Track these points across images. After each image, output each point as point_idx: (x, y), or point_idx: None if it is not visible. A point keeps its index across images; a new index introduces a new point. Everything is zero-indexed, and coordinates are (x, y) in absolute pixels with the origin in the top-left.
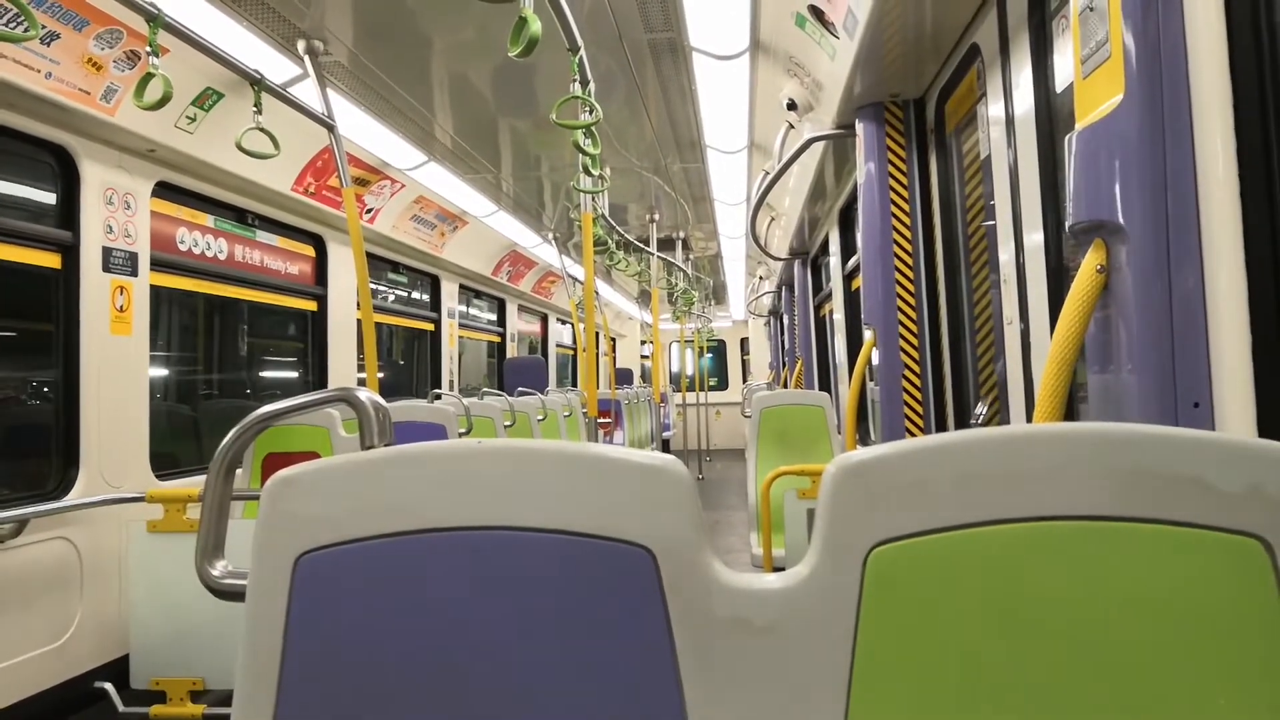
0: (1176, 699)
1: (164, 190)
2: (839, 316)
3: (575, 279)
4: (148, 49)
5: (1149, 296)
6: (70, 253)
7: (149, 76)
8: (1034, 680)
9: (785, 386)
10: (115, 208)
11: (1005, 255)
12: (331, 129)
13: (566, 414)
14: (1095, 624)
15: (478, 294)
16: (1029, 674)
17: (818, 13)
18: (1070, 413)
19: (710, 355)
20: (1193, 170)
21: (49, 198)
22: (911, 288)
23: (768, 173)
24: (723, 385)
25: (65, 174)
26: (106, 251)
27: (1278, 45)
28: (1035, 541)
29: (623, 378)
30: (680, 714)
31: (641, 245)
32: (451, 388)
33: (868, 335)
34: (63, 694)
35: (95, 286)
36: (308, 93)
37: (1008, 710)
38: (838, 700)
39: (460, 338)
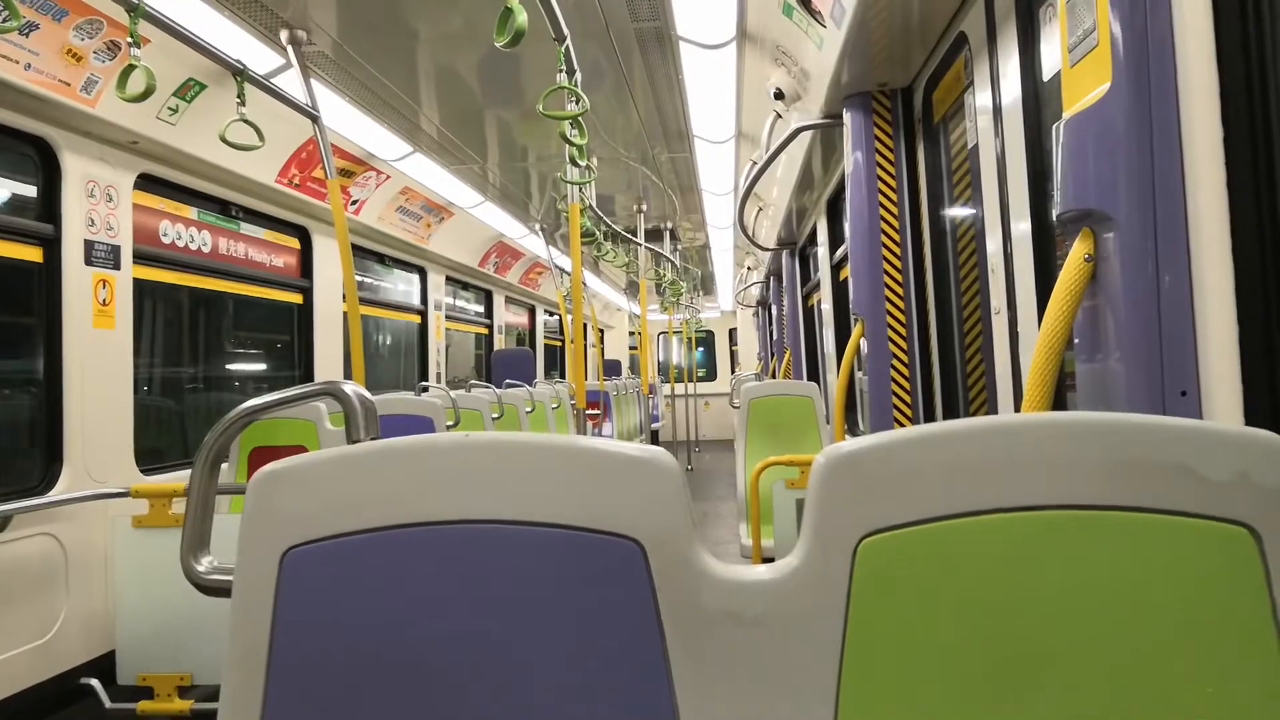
0: (1165, 686)
1: (146, 182)
2: (827, 307)
3: (563, 270)
4: (128, 40)
5: (1136, 285)
6: (52, 246)
7: (130, 68)
8: (1024, 668)
9: (774, 377)
10: (97, 200)
11: (993, 245)
12: (316, 120)
13: (555, 406)
14: (1085, 613)
15: (465, 286)
16: (1019, 662)
17: (805, 1)
18: (1058, 402)
19: (701, 350)
20: (1180, 158)
21: (30, 190)
22: (899, 278)
23: (755, 163)
24: (711, 376)
25: (46, 166)
26: (88, 245)
27: (1265, 33)
28: (1024, 531)
29: (611, 369)
30: (670, 706)
31: (629, 236)
32: (439, 380)
33: (856, 325)
34: (48, 691)
35: (77, 280)
36: (291, 83)
37: (999, 698)
38: (828, 691)
39: (447, 330)
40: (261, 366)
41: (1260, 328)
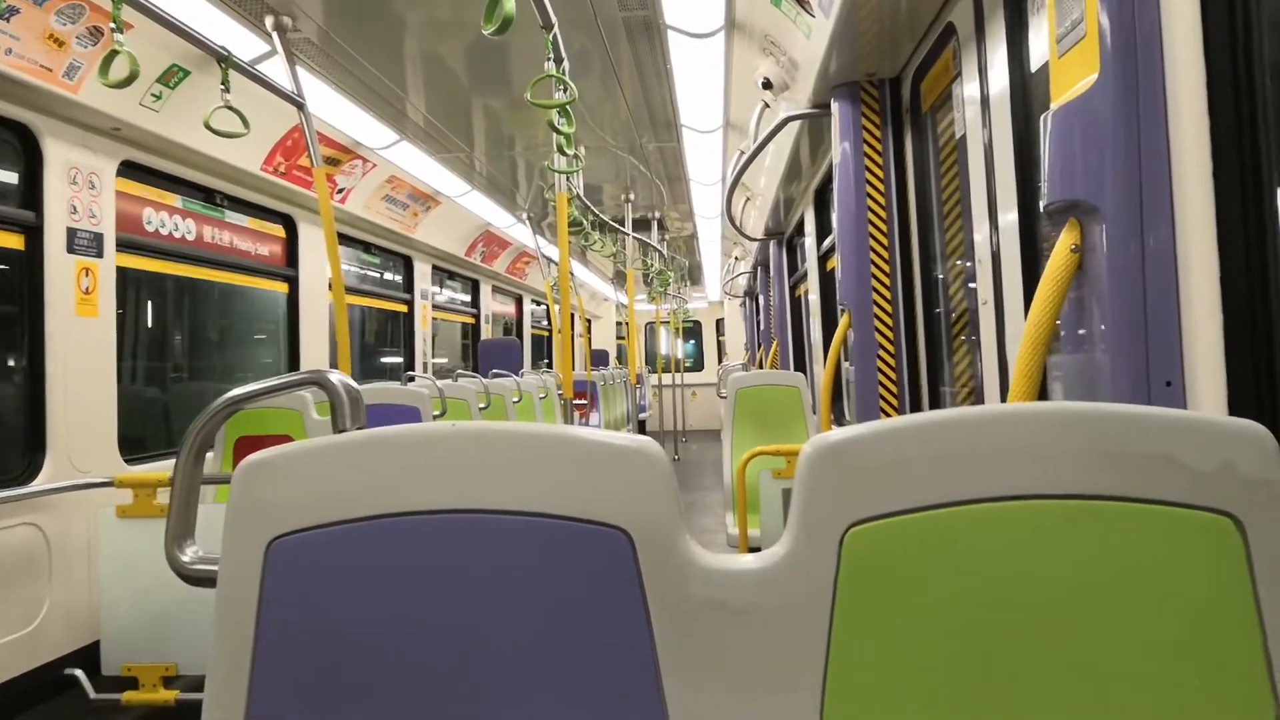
0: (1150, 674)
1: (130, 170)
2: (814, 297)
3: (550, 260)
4: (111, 25)
5: (1122, 276)
6: (34, 234)
7: (113, 53)
8: (1010, 657)
9: (761, 367)
10: (79, 187)
11: (980, 235)
12: (301, 107)
13: (542, 396)
14: (1070, 601)
15: (451, 275)
16: (1005, 651)
17: None
18: (1044, 392)
19: (692, 342)
20: (1166, 149)
21: (11, 177)
22: (886, 268)
23: (743, 153)
24: (698, 366)
25: (28, 153)
26: (71, 232)
27: (1251, 25)
28: (1010, 520)
29: (598, 359)
30: (658, 694)
31: (617, 226)
32: (425, 369)
33: (843, 316)
34: (32, 681)
35: (60, 268)
36: (277, 70)
37: (985, 687)
38: (814, 679)
39: (434, 319)
40: (246, 356)
41: (1245, 319)
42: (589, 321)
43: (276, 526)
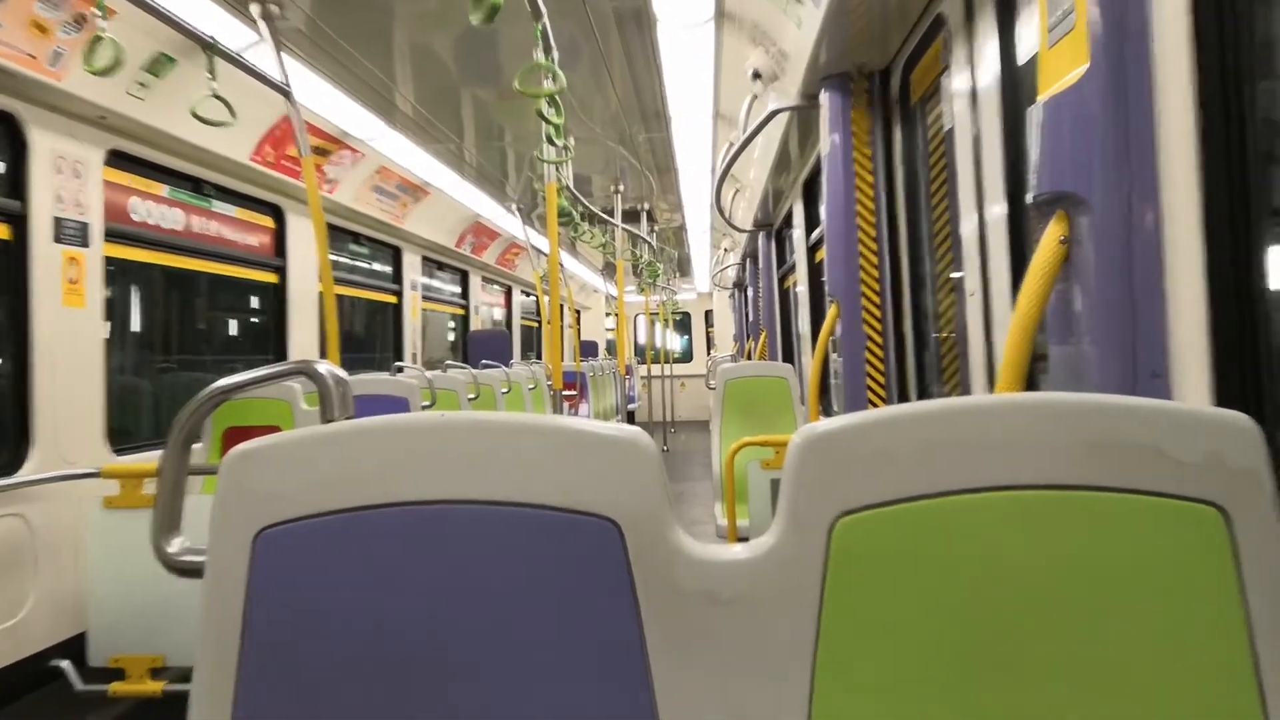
0: (1137, 665)
1: (117, 159)
2: (802, 289)
3: (539, 251)
4: (95, 11)
5: (1110, 268)
6: (19, 223)
7: (97, 40)
8: (997, 646)
9: (749, 358)
10: (65, 176)
11: (968, 227)
12: (289, 96)
13: (531, 387)
14: (1057, 591)
15: (440, 266)
16: (993, 641)
17: None
18: (1031, 383)
19: (686, 337)
20: (1154, 141)
21: None
22: (875, 260)
23: (733, 144)
24: (688, 357)
25: (12, 142)
26: (57, 222)
27: (1240, 18)
28: (998, 511)
29: (587, 350)
30: (646, 685)
31: (606, 217)
32: (414, 360)
33: (831, 307)
34: (18, 673)
35: (46, 258)
36: (264, 58)
37: (972, 677)
38: (803, 670)
39: (423, 310)
40: (234, 346)
41: (1231, 310)
42: (578, 313)
43: (264, 517)
